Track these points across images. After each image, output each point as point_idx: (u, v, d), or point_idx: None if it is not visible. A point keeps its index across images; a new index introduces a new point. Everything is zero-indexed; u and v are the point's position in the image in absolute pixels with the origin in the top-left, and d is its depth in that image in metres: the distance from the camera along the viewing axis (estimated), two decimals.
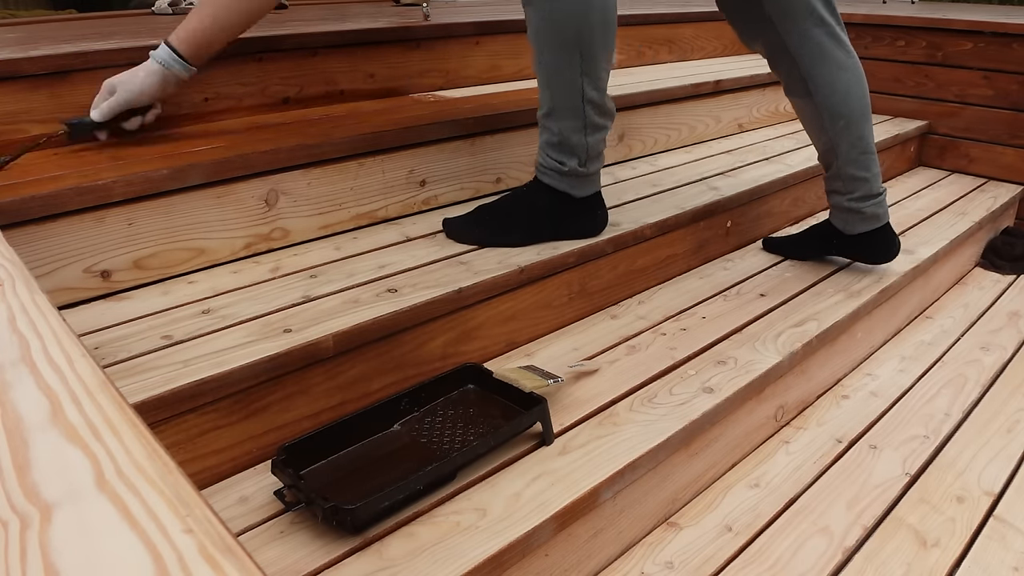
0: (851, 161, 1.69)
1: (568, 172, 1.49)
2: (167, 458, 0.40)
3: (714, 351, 1.45)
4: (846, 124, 1.66)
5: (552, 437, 1.17)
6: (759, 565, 1.19)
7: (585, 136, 1.46)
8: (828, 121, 1.67)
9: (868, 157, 1.70)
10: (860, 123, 1.67)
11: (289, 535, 0.98)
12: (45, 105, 1.47)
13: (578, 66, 1.39)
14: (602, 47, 1.41)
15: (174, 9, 2.73)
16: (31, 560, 0.33)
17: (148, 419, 0.98)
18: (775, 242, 1.94)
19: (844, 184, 1.72)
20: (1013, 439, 1.51)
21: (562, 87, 1.42)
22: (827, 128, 1.68)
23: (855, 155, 1.68)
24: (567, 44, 1.38)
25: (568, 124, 1.45)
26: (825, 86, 1.63)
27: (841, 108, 1.65)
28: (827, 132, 1.69)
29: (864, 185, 1.71)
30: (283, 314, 1.22)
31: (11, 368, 0.48)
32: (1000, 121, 2.54)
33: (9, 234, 1.07)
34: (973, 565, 1.19)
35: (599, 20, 1.38)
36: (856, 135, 1.67)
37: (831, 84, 1.63)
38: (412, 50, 2.02)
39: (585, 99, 1.43)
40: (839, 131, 1.67)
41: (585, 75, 1.41)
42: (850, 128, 1.66)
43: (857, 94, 1.65)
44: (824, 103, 1.65)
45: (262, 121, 1.71)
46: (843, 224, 1.78)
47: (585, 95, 1.42)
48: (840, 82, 1.63)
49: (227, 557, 0.32)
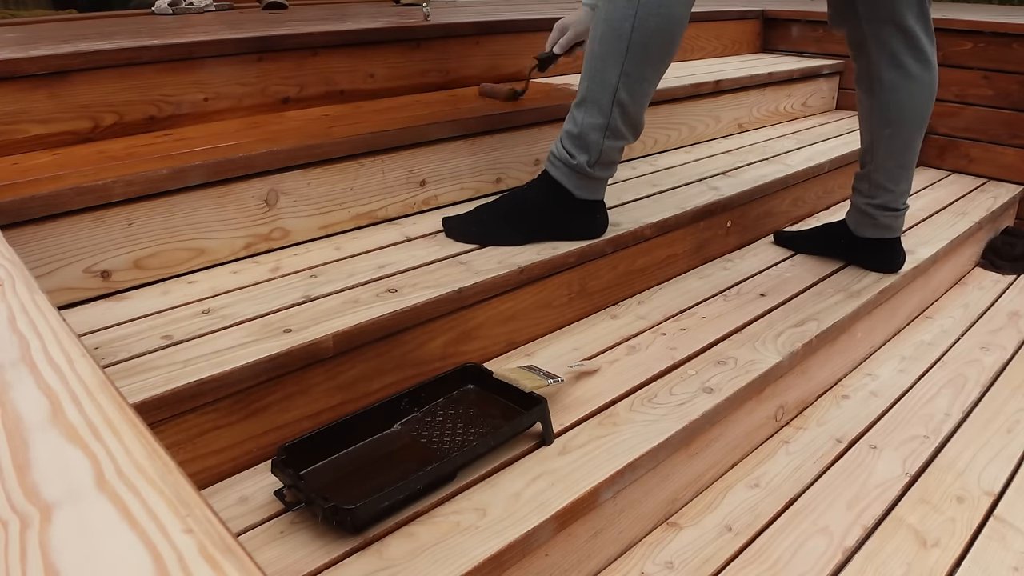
0: (883, 169, 1.69)
1: (575, 167, 1.47)
2: (167, 458, 0.40)
3: (714, 351, 1.45)
4: (892, 133, 1.65)
5: (552, 437, 1.17)
6: (759, 565, 1.19)
7: (603, 137, 1.45)
8: (877, 124, 1.67)
9: (901, 172, 1.69)
10: (908, 137, 1.66)
11: (289, 535, 0.98)
12: (45, 105, 1.47)
13: (621, 64, 1.38)
14: (653, 59, 1.40)
15: (174, 9, 2.73)
16: (31, 560, 0.33)
17: (148, 419, 0.98)
18: (785, 236, 1.96)
19: (869, 187, 1.73)
20: (1013, 439, 1.51)
21: (598, 80, 1.41)
22: (874, 129, 1.68)
23: (890, 165, 1.69)
24: (622, 44, 1.37)
25: (592, 120, 1.44)
26: (887, 91, 1.63)
27: (894, 117, 1.64)
28: (872, 133, 1.69)
29: (887, 195, 1.71)
30: (283, 314, 1.22)
31: (11, 368, 0.48)
32: (1000, 121, 2.54)
33: (9, 234, 1.07)
34: (973, 565, 1.19)
35: (656, 30, 1.37)
36: (899, 147, 1.66)
37: (894, 92, 1.62)
38: (412, 50, 2.02)
39: (615, 100, 1.41)
40: (884, 137, 1.67)
41: (625, 75, 1.39)
42: (895, 138, 1.66)
43: (915, 108, 1.63)
44: (880, 105, 1.65)
45: (262, 121, 1.71)
46: (856, 225, 1.79)
47: (617, 96, 1.41)
48: (903, 92, 1.62)
49: (227, 557, 0.32)
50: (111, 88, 1.55)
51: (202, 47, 1.67)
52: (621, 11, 1.36)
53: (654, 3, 1.35)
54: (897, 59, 1.60)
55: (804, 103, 2.79)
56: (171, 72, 1.63)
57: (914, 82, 1.61)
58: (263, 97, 1.78)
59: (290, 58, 1.80)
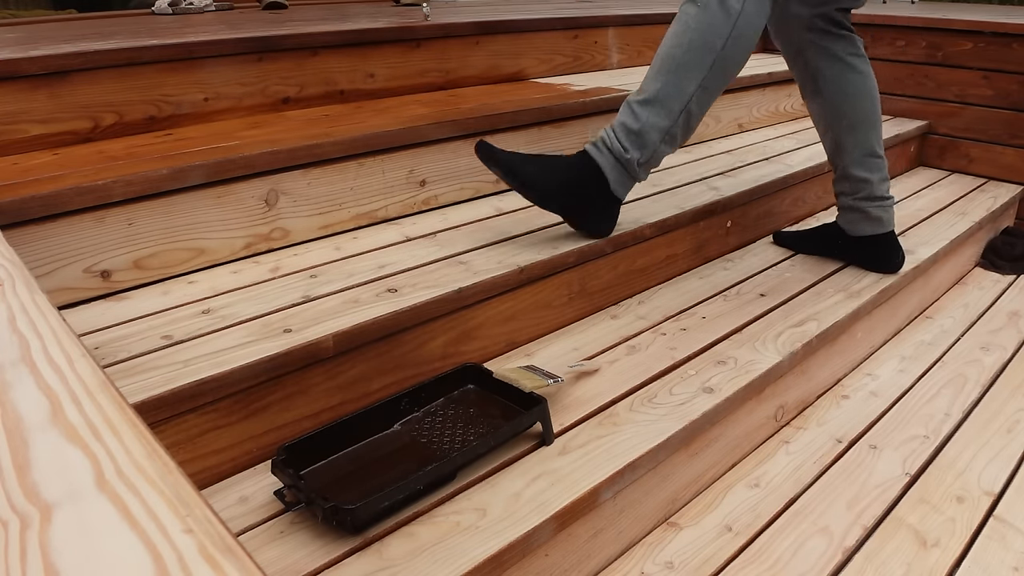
0: (856, 162, 1.72)
1: (625, 161, 1.47)
2: (167, 458, 0.40)
3: (714, 351, 1.45)
4: (849, 123, 1.69)
5: (552, 437, 1.17)
6: (759, 565, 1.19)
7: (661, 141, 1.47)
8: (833, 119, 1.70)
9: (873, 160, 1.72)
10: (865, 121, 1.69)
11: (289, 535, 0.98)
12: (45, 105, 1.47)
13: (702, 77, 1.41)
14: (730, 75, 1.44)
15: (174, 9, 2.74)
16: (31, 560, 0.33)
17: (148, 419, 0.98)
18: (784, 236, 1.96)
19: (850, 184, 1.75)
20: (1013, 439, 1.51)
21: (678, 90, 1.42)
22: (832, 125, 1.71)
23: (859, 155, 1.71)
24: (714, 67, 1.41)
25: (656, 121, 1.44)
26: (831, 83, 1.67)
27: (846, 106, 1.67)
28: (832, 130, 1.72)
29: (868, 186, 1.73)
30: (283, 314, 1.22)
31: (11, 368, 0.48)
32: (1000, 121, 2.54)
33: (9, 234, 1.07)
34: (973, 565, 1.19)
35: (744, 49, 1.42)
36: (861, 134, 1.69)
37: (837, 81, 1.66)
38: (412, 50, 2.02)
39: (686, 108, 1.44)
40: (843, 129, 1.70)
41: (702, 88, 1.43)
42: (854, 127, 1.69)
43: (861, 93, 1.67)
44: (829, 100, 1.69)
45: (262, 121, 1.71)
46: (848, 224, 1.81)
47: (688, 105, 1.43)
48: (845, 80, 1.66)
49: (227, 557, 0.32)
50: (111, 88, 1.55)
51: (202, 47, 1.67)
52: (717, 27, 1.39)
53: (749, 23, 1.40)
54: (832, 52, 1.65)
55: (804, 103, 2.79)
56: (171, 72, 1.63)
57: (852, 70, 1.66)
58: (263, 97, 1.78)
59: (290, 58, 1.80)
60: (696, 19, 1.40)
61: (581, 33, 2.44)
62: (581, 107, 1.96)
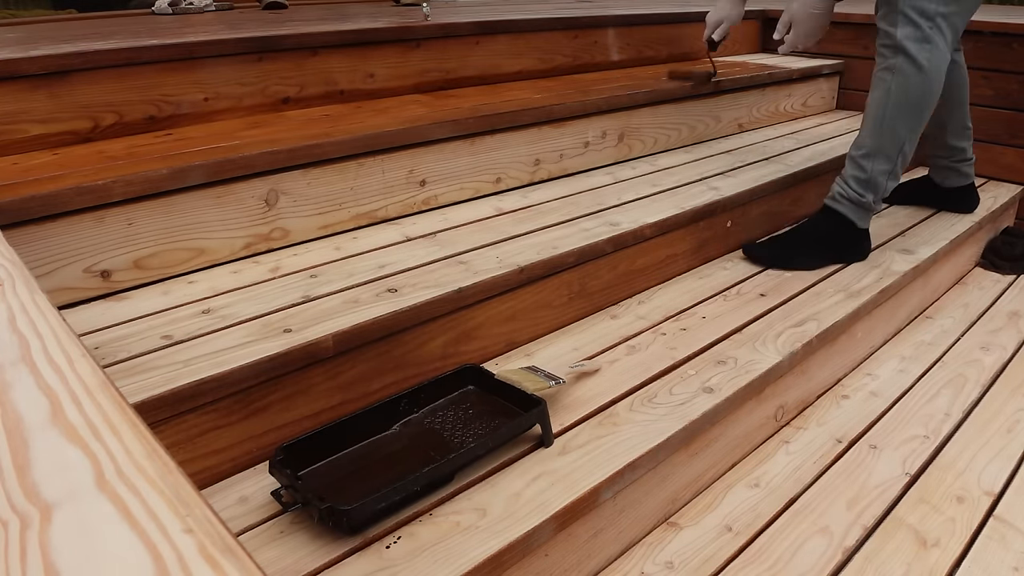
0: (954, 133, 2.10)
1: (864, 204, 1.79)
2: (167, 458, 0.40)
3: (714, 351, 1.45)
4: (952, 106, 2.03)
5: (551, 439, 1.17)
6: (759, 565, 1.19)
7: (887, 179, 1.77)
8: (954, 102, 2.03)
9: (966, 131, 2.12)
10: (964, 105, 2.08)
11: (289, 535, 0.98)
12: (45, 105, 1.47)
13: (909, 127, 1.72)
14: (928, 116, 1.74)
15: (174, 9, 2.74)
16: (31, 560, 0.33)
17: (148, 419, 0.98)
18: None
19: (947, 151, 2.13)
20: (1013, 439, 1.51)
21: (893, 139, 1.73)
22: (950, 107, 2.01)
23: (958, 129, 2.09)
24: (918, 112, 1.72)
25: (880, 167, 1.76)
26: (954, 71, 1.95)
27: (962, 91, 2.05)
28: (947, 111, 2.02)
29: (962, 152, 2.13)
30: (283, 314, 1.22)
31: (11, 368, 0.48)
32: (1000, 121, 2.54)
33: (9, 234, 1.07)
34: (973, 565, 1.19)
35: (937, 92, 1.71)
36: (960, 114, 2.08)
37: (958, 69, 2.00)
38: (412, 50, 2.02)
39: (902, 151, 1.74)
40: (947, 111, 2.02)
41: (911, 131, 1.73)
42: (956, 109, 2.06)
43: (964, 84, 2.05)
44: (953, 85, 1.95)
45: (262, 121, 1.71)
46: (941, 179, 2.21)
47: (903, 149, 1.74)
48: (957, 75, 2.00)
49: (227, 557, 0.32)
50: (111, 88, 1.55)
51: (202, 47, 1.67)
52: (915, 87, 1.69)
53: (935, 74, 1.67)
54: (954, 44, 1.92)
55: (804, 103, 2.79)
56: (171, 72, 1.63)
57: (956, 65, 2.00)
58: (263, 97, 1.78)
59: (290, 58, 1.80)
60: (895, 83, 1.69)
61: (581, 33, 2.43)
62: (581, 107, 1.96)
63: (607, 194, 1.84)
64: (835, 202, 1.82)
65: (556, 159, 1.96)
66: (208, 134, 1.58)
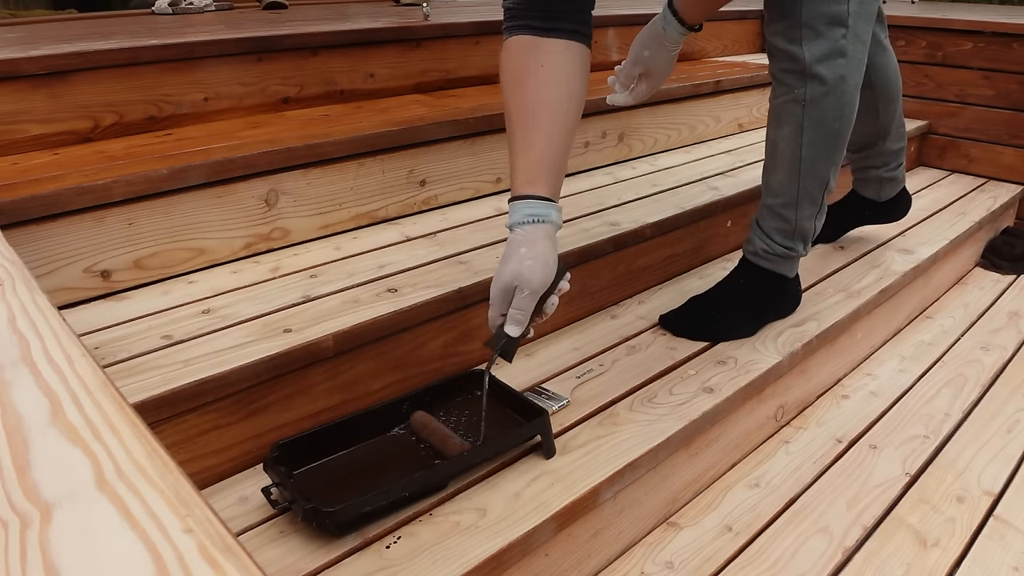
0: (893, 136, 1.80)
1: (793, 256, 1.52)
2: (167, 458, 0.40)
3: (714, 351, 1.45)
4: (894, 104, 1.77)
5: (553, 451, 1.14)
6: (759, 565, 1.19)
7: (816, 220, 1.50)
8: (883, 104, 1.75)
9: (901, 129, 1.83)
10: (898, 99, 1.79)
11: (289, 535, 0.98)
12: (45, 105, 1.47)
13: (831, 160, 1.42)
14: (847, 139, 1.44)
15: (174, 9, 2.73)
16: (31, 560, 0.33)
17: (148, 419, 0.98)
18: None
19: (884, 158, 1.82)
20: (1013, 439, 1.51)
21: (814, 179, 1.43)
22: (881, 113, 1.76)
23: (896, 130, 1.80)
24: (839, 142, 1.41)
25: (806, 212, 1.47)
26: (880, 71, 1.71)
27: (892, 89, 1.75)
28: (881, 118, 1.76)
29: (899, 155, 1.84)
30: (283, 314, 1.22)
31: (11, 368, 0.48)
32: (1000, 121, 2.54)
33: (9, 234, 1.07)
34: (973, 565, 1.19)
35: (852, 113, 1.41)
36: (897, 111, 1.79)
37: (884, 69, 1.71)
38: (412, 50, 2.02)
39: (826, 188, 1.45)
40: (890, 112, 1.77)
41: (834, 165, 1.44)
42: (896, 107, 1.78)
43: (897, 75, 1.76)
44: (880, 88, 1.73)
45: (262, 121, 1.71)
46: (877, 193, 1.88)
47: (828, 186, 1.45)
48: (889, 66, 1.73)
49: (227, 557, 0.33)
50: (111, 88, 1.55)
51: (202, 47, 1.67)
52: (832, 115, 1.37)
53: (852, 91, 1.37)
54: (877, 40, 1.67)
55: None
56: (171, 72, 1.63)
57: (885, 52, 1.73)
58: (263, 97, 1.78)
59: (290, 58, 1.80)
60: (809, 117, 1.38)
61: None
62: None
63: (607, 194, 1.84)
64: (759, 258, 1.53)
65: None
66: (208, 134, 1.58)
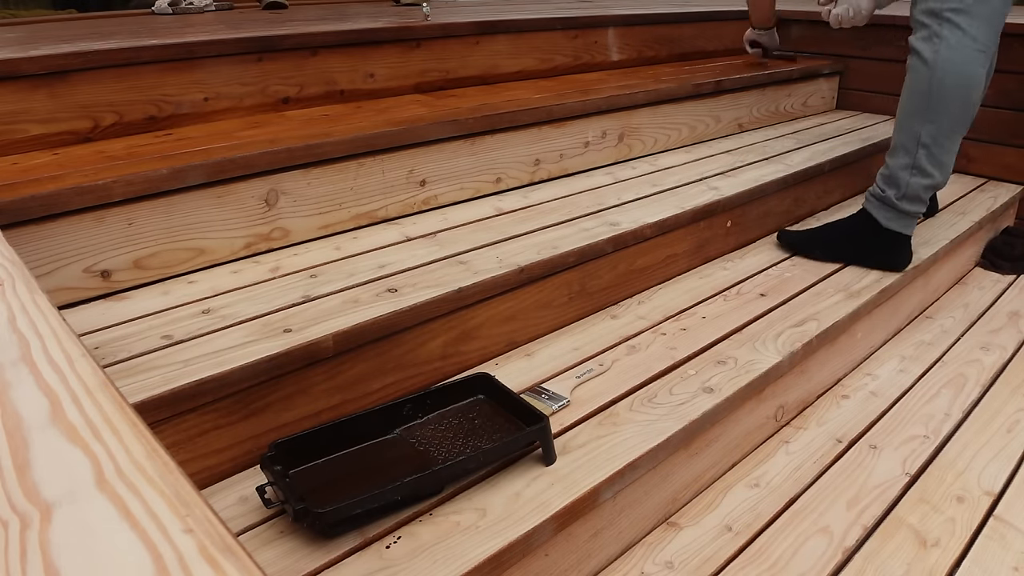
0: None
1: (884, 199, 1.78)
2: (167, 458, 0.40)
3: (714, 351, 1.45)
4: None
5: (553, 457, 1.13)
6: (759, 565, 1.19)
7: (910, 175, 1.75)
8: None
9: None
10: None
11: (289, 535, 0.98)
12: (45, 105, 1.47)
13: (924, 117, 1.70)
14: (952, 111, 1.69)
15: (174, 9, 2.74)
16: (31, 560, 0.33)
17: (148, 419, 0.98)
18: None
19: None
20: (1013, 439, 1.51)
21: (905, 130, 1.74)
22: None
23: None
24: (929, 106, 1.70)
25: (900, 161, 1.76)
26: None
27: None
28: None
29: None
30: (283, 314, 1.22)
31: (11, 368, 0.48)
32: (1000, 121, 2.54)
33: (9, 234, 1.07)
34: (973, 565, 1.19)
35: (954, 87, 1.68)
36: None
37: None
38: (412, 50, 2.02)
39: (921, 145, 1.72)
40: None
41: (928, 122, 1.70)
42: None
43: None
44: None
45: (262, 121, 1.71)
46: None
47: (921, 140, 1.72)
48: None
49: (227, 557, 0.32)
50: (111, 88, 1.55)
51: (202, 47, 1.67)
52: (921, 81, 1.70)
53: (948, 68, 1.66)
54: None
55: (804, 103, 2.79)
56: (171, 72, 1.63)
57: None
58: (263, 97, 1.78)
59: (290, 58, 1.80)
60: (908, 79, 1.74)
61: (581, 33, 2.43)
62: (581, 107, 1.96)
63: (607, 194, 1.84)
64: (866, 201, 1.85)
65: (556, 159, 1.96)
66: (208, 134, 1.58)
